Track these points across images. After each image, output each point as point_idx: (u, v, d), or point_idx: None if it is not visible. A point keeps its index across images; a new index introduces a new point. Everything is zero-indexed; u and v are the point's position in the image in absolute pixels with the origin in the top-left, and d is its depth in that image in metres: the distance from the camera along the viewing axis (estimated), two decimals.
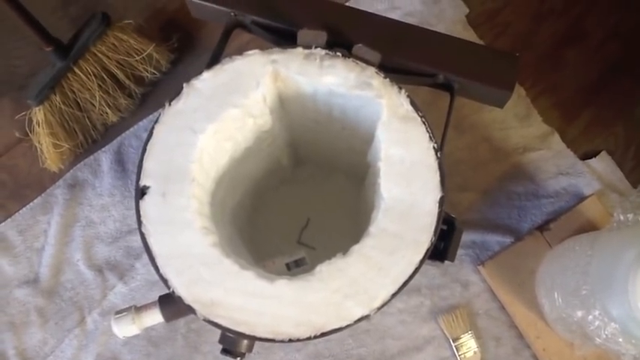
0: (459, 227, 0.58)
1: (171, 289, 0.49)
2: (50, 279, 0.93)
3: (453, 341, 0.88)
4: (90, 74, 0.90)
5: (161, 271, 0.50)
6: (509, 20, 1.00)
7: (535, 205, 0.92)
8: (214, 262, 0.49)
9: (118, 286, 0.92)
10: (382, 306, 0.44)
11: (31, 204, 0.95)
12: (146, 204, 0.49)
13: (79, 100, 0.93)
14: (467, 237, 0.92)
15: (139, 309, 0.74)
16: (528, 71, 0.98)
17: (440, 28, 1.00)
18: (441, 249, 0.55)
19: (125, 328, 0.72)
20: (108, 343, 0.90)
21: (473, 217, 0.94)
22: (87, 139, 0.96)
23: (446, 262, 0.87)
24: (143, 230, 0.51)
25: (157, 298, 0.80)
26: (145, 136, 0.90)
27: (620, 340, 0.68)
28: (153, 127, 0.51)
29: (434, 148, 0.48)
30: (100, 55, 0.91)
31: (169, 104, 0.51)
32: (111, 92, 0.93)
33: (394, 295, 0.44)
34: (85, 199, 0.96)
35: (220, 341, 0.54)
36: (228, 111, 0.52)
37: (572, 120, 0.95)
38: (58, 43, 0.87)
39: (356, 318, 0.47)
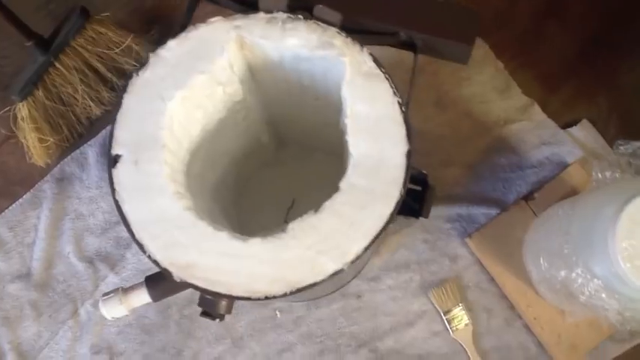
0: (431, 184, 0.59)
1: (147, 254, 0.49)
2: (42, 272, 0.92)
3: (445, 314, 0.88)
4: (71, 68, 0.91)
5: (136, 236, 0.51)
6: None
7: (519, 176, 0.92)
8: (188, 224, 0.50)
9: (110, 276, 0.92)
10: (355, 259, 0.44)
11: (20, 200, 0.95)
12: (119, 172, 0.49)
13: (62, 95, 0.92)
14: (453, 211, 0.92)
15: (125, 290, 0.74)
16: (507, 44, 0.97)
17: None
18: (416, 207, 0.56)
19: (113, 310, 0.72)
20: (102, 333, 0.90)
21: (458, 191, 0.94)
22: (72, 133, 0.96)
23: (434, 237, 0.86)
24: (117, 198, 0.52)
25: None
26: None
27: (604, 295, 0.67)
28: (122, 97, 0.52)
29: (398, 102, 0.49)
30: (80, 49, 0.91)
31: (137, 74, 0.52)
32: (93, 86, 0.92)
33: (367, 248, 0.44)
34: (74, 192, 0.96)
35: (199, 304, 0.54)
36: (195, 77, 0.53)
37: (553, 91, 0.95)
38: (39, 37, 0.87)
39: (330, 273, 0.48)
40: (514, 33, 0.99)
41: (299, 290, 0.47)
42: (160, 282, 0.74)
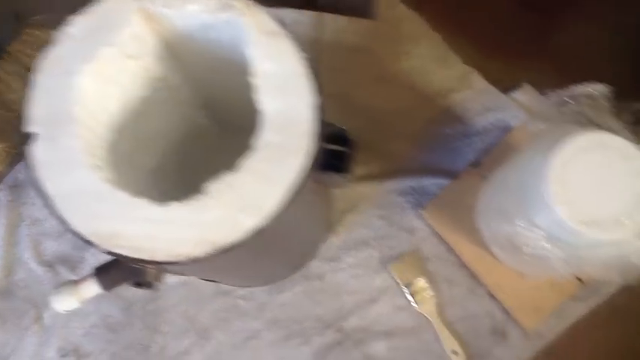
0: (352, 139, 0.57)
1: (69, 227, 0.49)
2: (2, 280, 0.87)
3: (407, 288, 0.81)
4: (12, 74, 0.86)
5: (58, 211, 0.47)
6: None
7: (466, 144, 0.86)
8: (107, 195, 0.47)
9: (70, 278, 0.95)
10: (277, 216, 0.44)
11: None
12: (36, 149, 0.49)
13: (5, 101, 0.87)
14: (405, 184, 0.86)
15: (76, 282, 0.74)
16: (441, 16, 0.91)
17: None
18: (339, 165, 0.56)
19: (64, 302, 0.71)
20: (68, 335, 0.84)
21: (407, 164, 0.86)
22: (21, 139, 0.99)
23: (389, 212, 0.84)
24: (36, 175, 0.48)
25: None
26: None
27: (547, 245, 0.66)
28: (34, 77, 0.52)
29: (303, 58, 0.50)
30: (18, 54, 0.86)
31: (45, 53, 0.52)
32: None
33: (286, 203, 0.44)
34: (28, 198, 0.90)
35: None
36: (101, 50, 0.50)
37: (491, 57, 0.89)
38: None
39: (251, 229, 0.45)
40: (447, 4, 0.92)
41: (224, 251, 0.46)
42: (110, 271, 0.74)
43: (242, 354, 0.82)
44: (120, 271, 0.69)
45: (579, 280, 0.79)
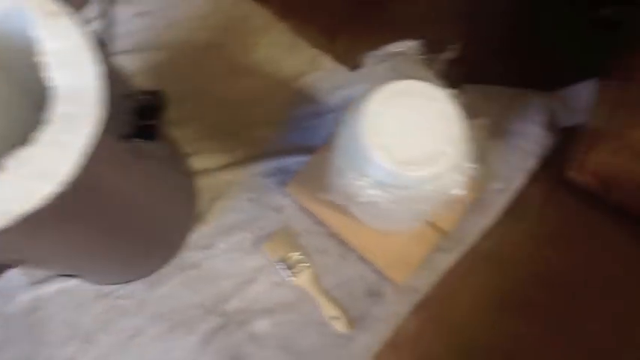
0: (159, 104, 0.60)
1: None
2: None
3: (281, 264, 0.84)
4: None
5: None
6: None
7: (321, 123, 0.89)
8: None
9: None
10: (74, 181, 0.46)
11: None
12: None
13: None
14: (269, 165, 0.88)
15: None
16: (287, 6, 0.96)
17: None
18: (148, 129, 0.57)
19: None
20: None
21: (269, 147, 0.89)
22: None
23: (257, 194, 0.86)
24: None
25: None
26: None
27: (375, 191, 0.70)
28: None
29: (86, 33, 0.51)
30: None
31: None
32: None
33: (82, 168, 0.46)
34: None
35: None
36: None
37: (335, 39, 0.93)
38: None
39: (50, 195, 0.47)
40: None
41: (25, 221, 0.47)
42: None
43: (128, 353, 0.82)
44: None
45: (441, 230, 0.83)
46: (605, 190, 0.78)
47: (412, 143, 0.62)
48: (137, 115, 0.55)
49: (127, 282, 0.83)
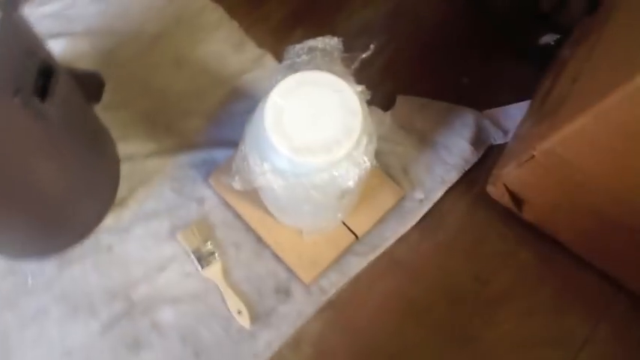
0: (55, 66, 0.59)
1: None
2: None
3: (193, 253, 0.83)
4: None
5: None
6: None
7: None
8: None
9: None
10: None
11: None
12: None
13: None
14: (196, 157, 0.89)
15: None
16: (240, 7, 0.99)
17: None
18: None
19: None
20: None
21: (199, 139, 0.89)
22: None
23: (181, 184, 0.86)
24: None
25: None
26: None
27: (272, 177, 0.71)
28: None
29: None
30: None
31: None
32: None
33: None
34: None
35: None
36: None
37: (283, 40, 0.98)
38: None
39: None
40: None
41: None
42: None
43: (29, 332, 0.81)
44: None
45: (355, 235, 0.83)
46: (517, 205, 0.78)
47: (311, 131, 0.63)
48: (39, 74, 0.56)
49: (38, 256, 0.82)
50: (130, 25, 0.97)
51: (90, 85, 0.75)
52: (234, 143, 0.87)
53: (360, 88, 0.67)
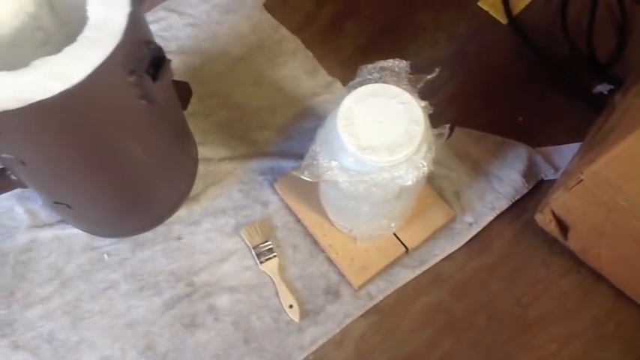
0: (165, 57, 0.67)
1: None
2: None
3: (254, 249, 0.90)
4: None
5: None
6: (297, 5, 1.12)
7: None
8: None
9: None
10: (81, 87, 0.57)
11: None
12: None
13: None
14: (265, 165, 0.97)
15: None
16: (315, 38, 1.09)
17: (241, 13, 1.12)
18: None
19: None
20: None
21: (270, 149, 0.98)
22: None
23: (249, 187, 0.95)
24: None
25: None
26: None
27: (339, 172, 0.78)
28: None
29: None
30: None
31: None
32: None
33: (90, 78, 0.57)
34: None
35: None
36: None
37: (352, 72, 1.12)
38: None
39: (59, 92, 0.57)
40: (320, 29, 1.09)
41: (31, 105, 0.55)
42: None
43: (98, 302, 0.89)
44: None
45: (405, 247, 0.90)
46: (563, 232, 0.84)
47: (378, 135, 0.71)
48: (149, 62, 0.67)
49: (115, 236, 0.92)
50: (217, 48, 1.09)
51: (180, 93, 0.86)
52: (300, 156, 0.96)
53: (423, 103, 0.75)
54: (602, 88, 0.98)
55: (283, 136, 0.99)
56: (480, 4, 1.11)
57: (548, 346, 0.85)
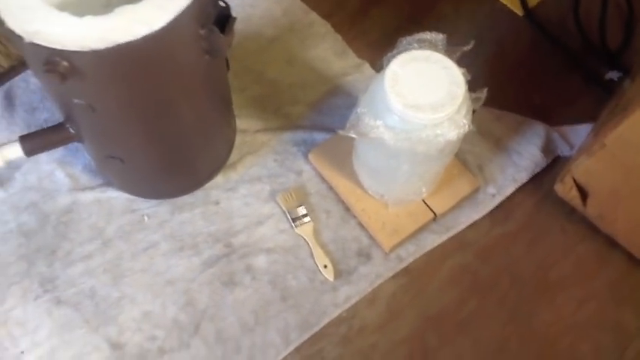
0: (232, 17, 0.72)
1: (5, 25, 0.66)
2: None
3: (289, 213, 0.95)
4: None
5: (1, 17, 0.62)
6: None
7: (350, 113, 1.06)
8: (38, 7, 0.63)
9: None
10: (162, 32, 0.61)
11: None
12: None
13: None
14: (298, 136, 1.02)
15: (1, 145, 0.88)
16: (343, 22, 1.15)
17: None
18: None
19: None
20: None
21: (303, 122, 1.04)
22: None
23: (283, 157, 1.00)
24: None
25: (31, 199, 0.96)
26: (33, 80, 1.06)
27: (384, 130, 0.84)
28: None
29: None
30: None
31: None
32: (3, 42, 1.04)
33: (171, 22, 0.62)
34: None
35: (43, 64, 0.65)
36: None
37: (379, 55, 1.18)
38: None
39: (142, 35, 0.61)
40: (348, 15, 1.16)
41: (118, 45, 0.60)
42: (31, 139, 0.88)
43: (138, 260, 0.93)
44: (39, 139, 0.84)
45: (434, 213, 0.95)
46: (583, 198, 0.90)
47: (422, 94, 0.77)
48: (215, 19, 0.73)
49: (156, 198, 0.96)
50: (251, 29, 1.15)
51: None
52: (331, 129, 1.02)
53: (462, 70, 0.81)
54: (613, 75, 1.06)
55: (315, 111, 1.05)
56: None
57: (568, 305, 0.90)
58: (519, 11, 1.16)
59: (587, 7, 1.15)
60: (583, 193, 0.89)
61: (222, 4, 0.73)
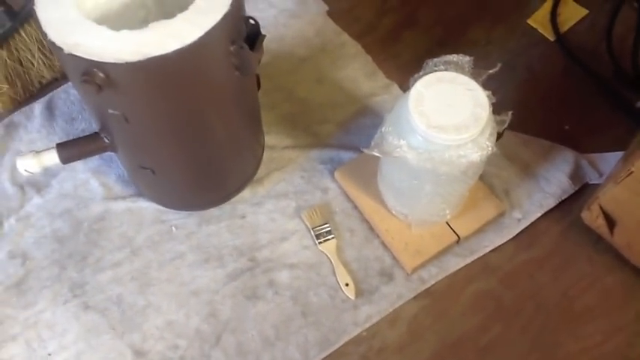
0: (262, 34, 0.75)
1: (48, 38, 0.69)
2: None
3: (313, 230, 0.95)
4: (32, 37, 1.03)
5: (44, 29, 0.65)
6: (359, 14, 1.19)
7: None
8: (77, 21, 0.66)
9: (35, 198, 1.00)
10: (194, 47, 0.64)
11: None
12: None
13: (21, 58, 1.05)
14: (326, 155, 1.03)
15: (39, 151, 0.91)
16: (375, 45, 1.16)
17: (306, 18, 1.19)
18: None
19: (26, 163, 0.88)
20: (19, 242, 0.96)
21: (330, 141, 1.04)
22: (25, 92, 1.08)
23: (310, 174, 1.01)
24: (35, 7, 0.67)
25: (66, 206, 0.99)
26: (73, 92, 1.09)
27: (407, 149, 0.84)
28: None
29: None
30: None
31: None
32: (48, 55, 1.06)
33: (202, 37, 0.64)
34: (17, 135, 1.07)
35: (81, 75, 0.65)
36: None
37: (408, 77, 1.20)
38: (9, 7, 1.00)
39: (174, 49, 0.63)
40: (379, 37, 1.17)
41: (149, 59, 0.62)
42: (67, 147, 0.91)
43: (165, 270, 0.94)
44: (74, 147, 0.87)
45: (457, 236, 0.95)
46: (610, 227, 0.89)
47: (446, 115, 0.77)
48: (246, 36, 0.75)
49: (184, 210, 0.98)
50: (283, 48, 1.17)
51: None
52: (358, 149, 1.02)
53: (487, 92, 0.81)
54: None
55: (343, 130, 1.06)
56: (529, 21, 1.18)
57: (594, 337, 0.88)
58: (551, 36, 1.15)
59: (620, 33, 1.13)
60: (610, 222, 0.87)
61: (252, 22, 0.75)
